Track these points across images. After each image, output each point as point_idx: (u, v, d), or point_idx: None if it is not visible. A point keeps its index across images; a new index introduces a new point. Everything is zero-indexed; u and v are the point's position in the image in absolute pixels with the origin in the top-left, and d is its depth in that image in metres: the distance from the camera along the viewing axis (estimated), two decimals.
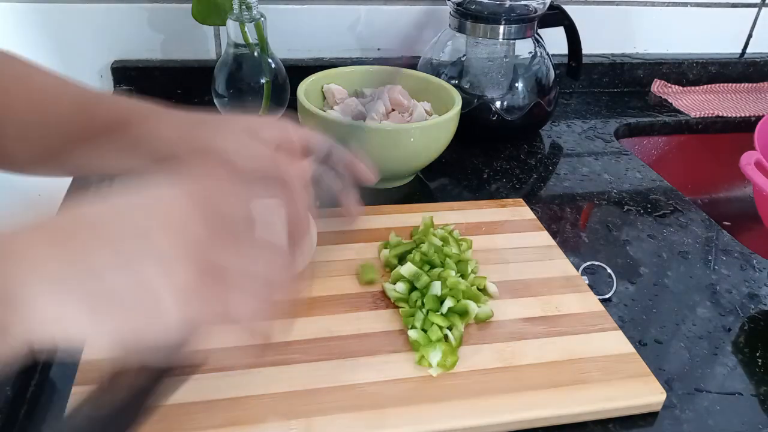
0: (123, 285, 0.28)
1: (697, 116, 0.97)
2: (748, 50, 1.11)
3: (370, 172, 0.52)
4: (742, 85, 1.08)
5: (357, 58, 0.93)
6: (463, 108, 0.68)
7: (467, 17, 0.77)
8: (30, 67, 0.51)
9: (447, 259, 0.53)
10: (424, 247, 0.54)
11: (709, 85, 1.07)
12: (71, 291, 0.28)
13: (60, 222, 0.30)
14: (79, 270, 0.28)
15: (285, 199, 0.36)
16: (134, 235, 0.29)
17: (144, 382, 0.32)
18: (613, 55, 1.04)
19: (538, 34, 0.82)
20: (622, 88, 1.04)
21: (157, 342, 0.29)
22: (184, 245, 0.29)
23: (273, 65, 0.77)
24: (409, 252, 0.54)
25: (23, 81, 0.50)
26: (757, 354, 0.51)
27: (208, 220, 0.30)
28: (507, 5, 0.76)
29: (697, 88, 1.07)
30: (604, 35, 1.03)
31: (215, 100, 0.79)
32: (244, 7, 0.72)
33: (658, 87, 1.05)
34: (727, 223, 0.79)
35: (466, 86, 0.81)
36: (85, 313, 0.28)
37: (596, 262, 0.60)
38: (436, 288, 0.49)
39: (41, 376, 0.44)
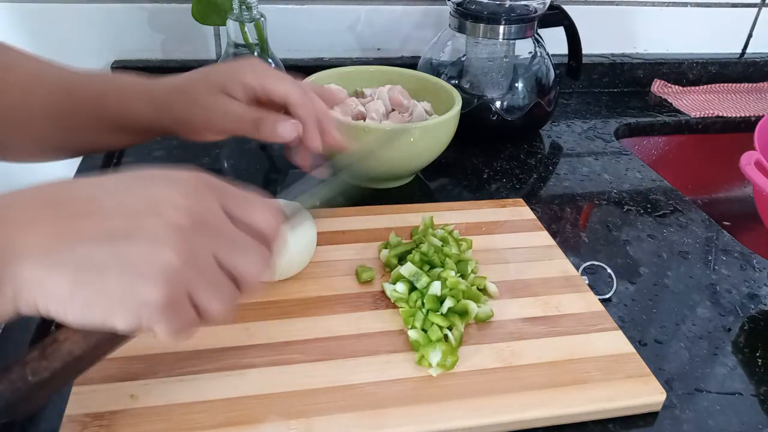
0: (107, 259, 0.29)
1: (697, 116, 0.97)
2: (748, 50, 1.11)
3: (340, 139, 0.52)
4: (742, 85, 1.08)
5: (357, 58, 0.93)
6: (463, 108, 0.68)
7: (467, 17, 0.77)
8: (18, 54, 0.52)
9: (447, 259, 0.53)
10: (424, 247, 0.54)
11: (709, 85, 1.07)
12: (57, 257, 0.29)
13: (55, 191, 0.31)
14: (67, 239, 0.29)
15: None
16: (123, 215, 0.30)
17: (81, 351, 0.33)
18: (613, 55, 1.04)
19: (538, 34, 0.82)
20: (622, 88, 1.04)
21: (126, 319, 0.30)
22: (166, 231, 0.30)
23: (273, 65, 0.77)
24: (409, 252, 0.54)
25: (12, 68, 0.51)
26: (757, 354, 0.51)
27: (193, 212, 0.31)
28: (507, 5, 0.76)
29: (697, 88, 1.07)
30: (604, 35, 1.03)
31: None
32: (244, 7, 0.72)
33: (658, 87, 1.05)
34: (727, 223, 0.79)
35: (466, 86, 0.81)
36: (67, 280, 0.29)
37: (596, 262, 0.60)
38: (436, 288, 0.49)
39: None
